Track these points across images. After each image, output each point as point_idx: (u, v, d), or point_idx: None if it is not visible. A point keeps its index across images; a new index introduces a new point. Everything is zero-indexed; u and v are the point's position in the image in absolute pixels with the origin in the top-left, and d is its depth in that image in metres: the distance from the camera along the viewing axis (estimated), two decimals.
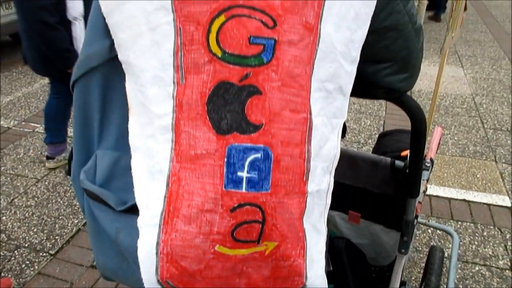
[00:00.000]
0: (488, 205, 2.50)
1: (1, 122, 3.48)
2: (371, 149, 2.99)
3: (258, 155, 0.59)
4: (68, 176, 2.50)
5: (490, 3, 7.85)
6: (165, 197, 0.60)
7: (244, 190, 0.59)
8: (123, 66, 0.62)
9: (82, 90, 0.69)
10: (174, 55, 0.57)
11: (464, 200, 2.55)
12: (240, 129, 0.58)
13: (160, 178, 0.60)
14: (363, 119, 3.55)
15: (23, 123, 3.49)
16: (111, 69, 0.64)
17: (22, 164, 2.91)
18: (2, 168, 2.87)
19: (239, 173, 0.59)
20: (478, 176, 2.80)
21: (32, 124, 3.46)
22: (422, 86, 4.14)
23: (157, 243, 0.61)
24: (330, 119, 0.66)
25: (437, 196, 2.57)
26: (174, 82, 0.58)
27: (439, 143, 1.28)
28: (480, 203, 2.52)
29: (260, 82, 0.57)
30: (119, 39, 0.61)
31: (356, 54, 0.65)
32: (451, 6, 0.94)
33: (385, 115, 3.60)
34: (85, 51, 0.67)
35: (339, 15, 0.61)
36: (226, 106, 0.58)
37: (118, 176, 0.68)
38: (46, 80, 4.37)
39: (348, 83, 0.66)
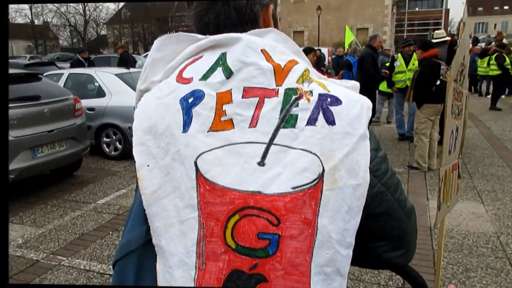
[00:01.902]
0: None
1: (31, 255, 3.62)
2: None
3: None
4: None
5: (504, 137, 8.12)
6: None
7: None
8: (156, 248, 0.74)
9: (120, 269, 0.81)
10: (197, 244, 0.70)
11: None
12: None
13: None
14: None
15: (51, 255, 3.61)
16: (145, 250, 0.77)
17: None
18: None
19: None
20: None
21: (59, 257, 3.57)
22: None
23: None
24: None
25: None
26: (196, 267, 0.70)
27: None
28: None
29: (266, 271, 0.69)
30: (154, 227, 0.75)
31: (351, 240, 0.76)
32: (438, 183, 1.06)
33: None
34: (126, 237, 0.82)
35: (334, 209, 0.74)
36: None
37: None
38: (76, 213, 4.61)
39: (345, 265, 0.76)
